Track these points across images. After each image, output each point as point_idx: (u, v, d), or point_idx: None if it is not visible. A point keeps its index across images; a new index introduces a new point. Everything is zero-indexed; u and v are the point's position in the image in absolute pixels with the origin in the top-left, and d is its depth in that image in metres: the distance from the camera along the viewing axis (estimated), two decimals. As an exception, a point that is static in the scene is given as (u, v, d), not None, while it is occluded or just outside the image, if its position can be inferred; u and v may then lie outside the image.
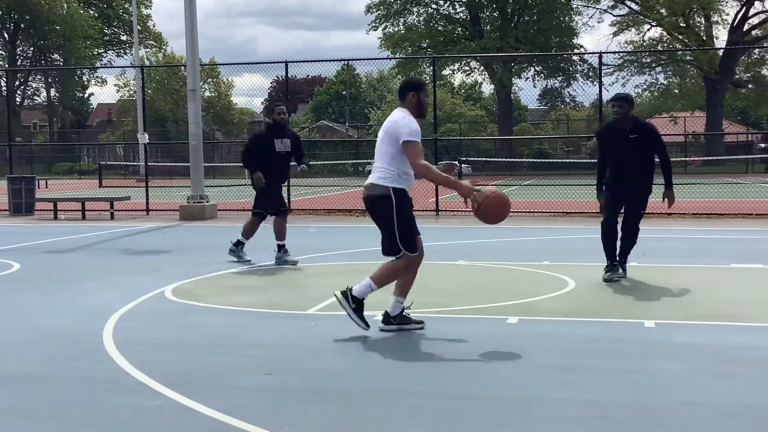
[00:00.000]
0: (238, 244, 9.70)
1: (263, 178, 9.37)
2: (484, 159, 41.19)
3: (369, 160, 49.88)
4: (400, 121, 5.76)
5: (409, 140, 5.63)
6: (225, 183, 28.32)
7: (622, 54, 48.05)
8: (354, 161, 48.41)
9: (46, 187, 33.08)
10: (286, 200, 17.79)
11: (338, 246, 11.45)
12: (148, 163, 21.34)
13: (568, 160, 42.70)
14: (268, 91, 75.95)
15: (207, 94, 58.08)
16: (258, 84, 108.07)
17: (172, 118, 56.43)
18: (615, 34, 49.54)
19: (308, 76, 73.68)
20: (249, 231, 9.75)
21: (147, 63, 57.67)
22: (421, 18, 51.06)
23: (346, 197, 21.46)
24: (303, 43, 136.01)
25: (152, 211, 18.06)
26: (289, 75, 19.08)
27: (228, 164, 46.92)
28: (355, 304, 5.81)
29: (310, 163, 15.87)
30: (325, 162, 46.19)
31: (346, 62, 60.31)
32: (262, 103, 75.39)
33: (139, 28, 51.44)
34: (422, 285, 8.08)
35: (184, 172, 31.46)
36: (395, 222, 5.72)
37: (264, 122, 44.27)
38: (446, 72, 51.43)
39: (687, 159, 44.53)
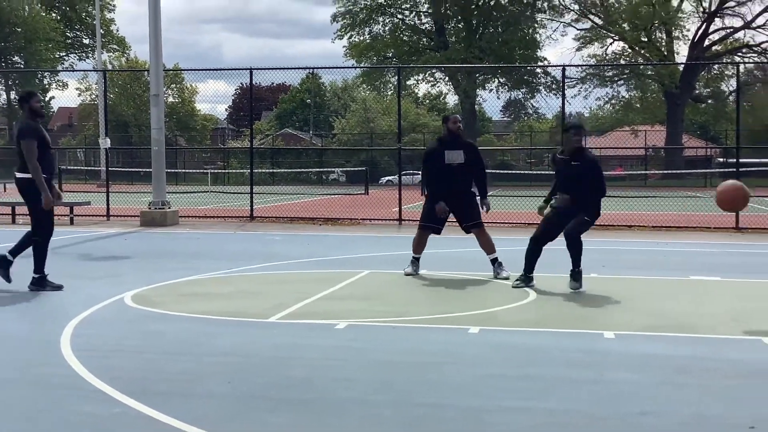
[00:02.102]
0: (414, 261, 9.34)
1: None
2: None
3: (332, 169, 49.94)
4: None
5: None
6: (187, 189, 28.10)
7: (584, 67, 48.65)
8: (318, 170, 48.37)
9: (5, 191, 32.54)
10: (249, 208, 17.83)
11: (300, 254, 11.42)
12: (110, 168, 21.11)
13: (530, 172, 43.09)
14: (233, 97, 75.66)
15: (170, 99, 57.63)
16: (222, 90, 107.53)
17: (135, 123, 55.91)
18: (578, 48, 50.15)
19: (273, 83, 73.51)
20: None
21: (109, 67, 57.09)
22: (386, 28, 51.26)
23: (309, 205, 21.45)
24: (268, 51, 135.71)
25: (113, 216, 17.86)
26: (253, 82, 19.04)
27: (191, 170, 46.61)
28: None
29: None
30: (289, 170, 46.08)
31: (311, 70, 60.29)
32: (226, 109, 75.10)
33: (102, 32, 50.91)
34: (384, 294, 8.11)
35: (145, 178, 31.15)
36: None
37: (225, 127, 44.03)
38: (410, 82, 51.61)
39: (647, 172, 45.20)
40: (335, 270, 9.61)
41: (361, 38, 50.46)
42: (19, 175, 7.98)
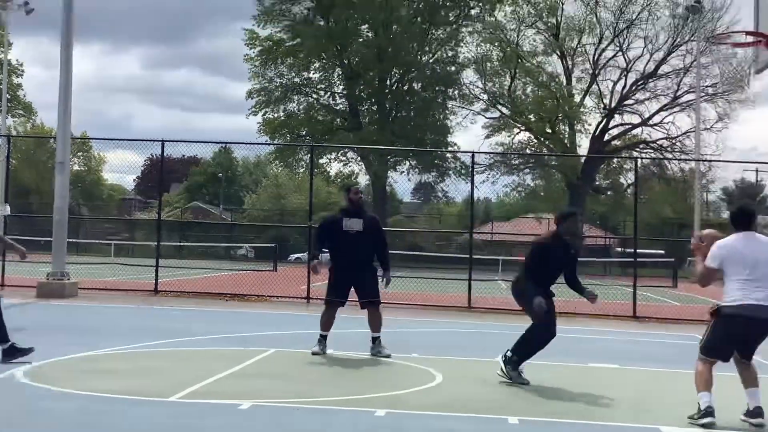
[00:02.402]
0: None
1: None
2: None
3: (241, 244, 49.44)
4: None
5: None
6: (89, 260, 27.29)
7: (492, 154, 50.14)
8: (226, 244, 47.82)
9: None
10: (154, 281, 17.40)
11: (206, 330, 11.17)
12: (8, 236, 20.33)
13: (440, 254, 43.65)
14: (142, 168, 74.53)
15: (76, 167, 56.39)
16: (132, 161, 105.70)
17: (36, 190, 54.33)
18: (487, 136, 51.78)
19: (184, 155, 72.80)
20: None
21: (14, 133, 55.63)
22: (301, 106, 51.78)
23: (216, 280, 21.09)
24: (180, 123, 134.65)
25: (7, 286, 17.15)
26: (165, 154, 18.84)
27: (93, 241, 45.39)
28: None
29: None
30: (197, 244, 45.37)
31: (224, 145, 60.06)
32: (135, 180, 73.87)
33: (9, 96, 49.75)
34: (291, 373, 7.99)
35: (45, 247, 30.15)
36: None
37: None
38: (323, 160, 52.02)
39: (550, 259, 46.32)
40: (241, 348, 9.44)
41: (276, 115, 50.81)
42: None
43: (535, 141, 51.10)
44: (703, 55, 42.50)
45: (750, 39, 8.35)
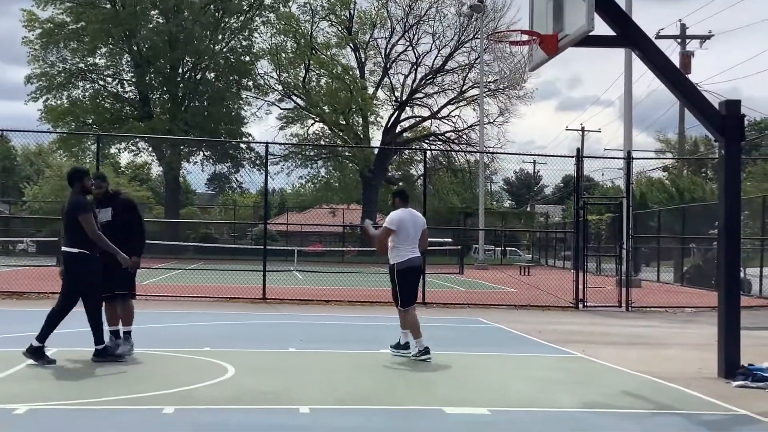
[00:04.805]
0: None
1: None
2: (148, 241, 40.07)
3: (21, 239, 46.26)
4: None
5: None
6: None
7: (287, 145, 50.23)
8: (4, 239, 44.62)
9: None
10: None
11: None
12: None
13: (234, 246, 43.13)
14: None
15: None
16: None
17: None
18: (281, 127, 51.80)
19: (-46, 144, 67.14)
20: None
21: None
22: (87, 93, 49.22)
23: (-9, 278, 19.64)
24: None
25: None
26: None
27: None
28: None
29: None
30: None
31: (0, 132, 55.78)
32: None
33: None
34: (73, 374, 7.61)
35: None
36: None
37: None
38: (112, 150, 49.81)
39: (344, 249, 47.22)
40: (16, 348, 8.85)
41: (59, 102, 47.94)
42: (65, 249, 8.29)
43: (330, 132, 51.77)
44: (486, 53, 44.82)
45: (525, 38, 8.85)
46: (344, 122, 50.45)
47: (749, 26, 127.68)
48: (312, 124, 51.90)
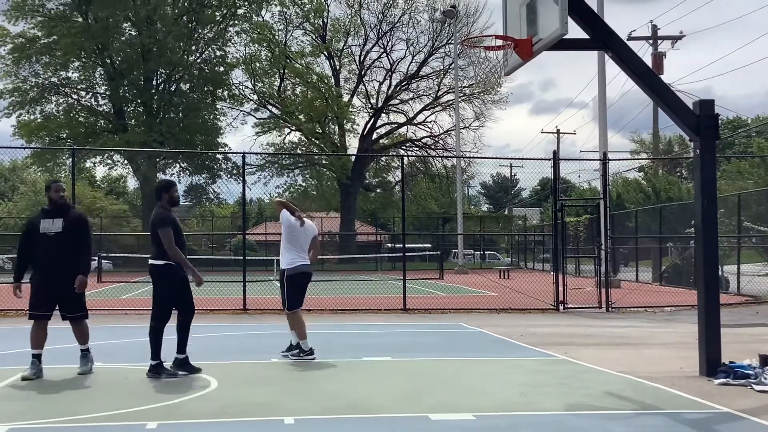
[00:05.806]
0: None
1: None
2: (125, 255, 39.81)
3: (-3, 256, 45.70)
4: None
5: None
6: None
7: (264, 155, 50.14)
8: (-22, 256, 44.10)
9: None
10: None
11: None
12: None
13: (212, 257, 42.92)
14: None
15: None
16: None
17: None
18: (257, 134, 51.71)
19: (-75, 161, 66.35)
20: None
21: None
22: (60, 107, 48.83)
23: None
24: None
25: None
26: None
27: None
28: None
29: None
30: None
31: (-28, 149, 55.15)
32: None
33: None
34: (53, 391, 7.52)
35: None
36: None
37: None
38: (87, 164, 49.46)
39: (324, 257, 47.09)
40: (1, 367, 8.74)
41: (32, 117, 47.51)
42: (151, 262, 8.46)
43: (306, 141, 51.74)
44: (460, 58, 45.00)
45: (500, 42, 8.87)
46: (320, 130, 50.44)
47: (720, 26, 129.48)
48: (288, 133, 51.88)
